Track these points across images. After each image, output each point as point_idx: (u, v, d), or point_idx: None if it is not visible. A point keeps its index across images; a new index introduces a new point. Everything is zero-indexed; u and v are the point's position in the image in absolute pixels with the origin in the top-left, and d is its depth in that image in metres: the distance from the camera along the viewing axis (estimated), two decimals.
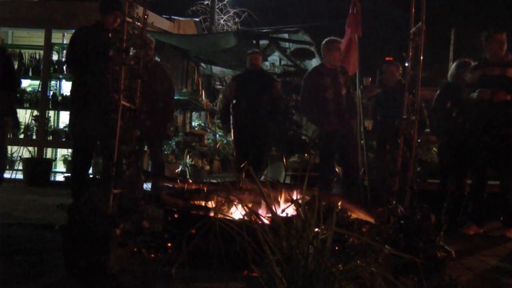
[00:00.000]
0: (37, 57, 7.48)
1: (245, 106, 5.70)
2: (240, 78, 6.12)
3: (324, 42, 5.29)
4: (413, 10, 3.14)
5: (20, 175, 6.80)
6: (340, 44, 5.30)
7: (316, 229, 1.98)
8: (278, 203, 3.17)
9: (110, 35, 4.10)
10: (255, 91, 5.67)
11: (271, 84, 5.93)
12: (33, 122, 7.18)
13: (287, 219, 2.18)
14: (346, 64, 5.97)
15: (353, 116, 5.30)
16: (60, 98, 7.33)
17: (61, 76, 7.49)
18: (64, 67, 7.30)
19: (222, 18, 17.27)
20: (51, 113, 7.50)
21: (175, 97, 6.79)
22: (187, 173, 8.07)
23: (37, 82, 7.54)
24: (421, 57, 3.09)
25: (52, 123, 7.48)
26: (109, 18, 4.18)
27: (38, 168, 6.93)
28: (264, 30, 9.04)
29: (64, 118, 7.89)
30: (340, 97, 5.13)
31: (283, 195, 3.27)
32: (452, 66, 5.20)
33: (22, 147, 7.03)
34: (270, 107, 5.77)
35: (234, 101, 5.82)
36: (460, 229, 4.76)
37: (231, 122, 5.99)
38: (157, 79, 4.98)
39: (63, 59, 7.47)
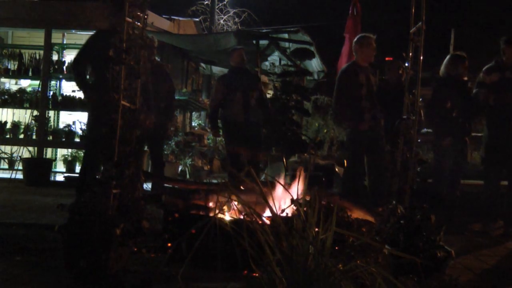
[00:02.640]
0: (37, 57, 7.47)
1: (234, 104, 5.66)
2: (225, 77, 6.05)
3: (356, 38, 5.15)
4: (413, 10, 3.14)
5: (20, 175, 6.79)
6: (373, 40, 5.11)
7: (316, 229, 1.98)
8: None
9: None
10: (243, 89, 5.64)
11: (257, 81, 5.94)
12: (33, 122, 7.17)
13: (287, 219, 2.19)
14: None
15: (382, 116, 5.10)
16: (60, 98, 7.32)
17: (61, 76, 7.49)
18: (65, 67, 7.30)
19: (222, 18, 17.26)
20: (51, 113, 7.49)
21: (175, 97, 6.77)
22: (187, 173, 8.07)
23: (37, 82, 7.53)
24: (421, 57, 3.09)
25: (52, 123, 7.47)
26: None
27: (38, 168, 6.92)
28: (264, 30, 9.03)
29: (64, 118, 7.88)
30: (373, 95, 5.00)
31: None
32: (446, 60, 5.12)
33: (22, 147, 7.02)
34: (258, 103, 5.75)
35: (223, 101, 5.77)
36: (487, 228, 4.81)
37: (219, 124, 5.96)
38: (158, 79, 4.98)
39: (63, 59, 7.47)
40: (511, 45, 4.82)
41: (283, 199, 3.22)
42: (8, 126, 7.36)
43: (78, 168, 7.38)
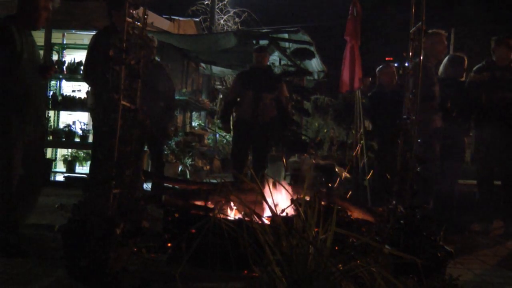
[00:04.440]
0: None
1: (248, 103, 5.55)
2: (244, 74, 5.96)
3: (429, 32, 4.74)
4: (413, 10, 3.14)
5: None
6: (444, 37, 4.90)
7: (316, 229, 1.98)
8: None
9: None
10: (259, 89, 5.51)
11: (276, 84, 5.70)
12: None
13: (287, 219, 2.19)
14: (353, 77, 5.91)
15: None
16: (60, 98, 7.32)
17: (61, 76, 7.48)
18: (65, 67, 7.29)
19: (222, 18, 17.26)
20: (51, 113, 7.49)
21: (175, 97, 6.77)
22: (187, 173, 8.07)
23: None
24: (421, 57, 3.09)
25: (52, 123, 7.46)
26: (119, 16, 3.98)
27: None
28: (264, 30, 9.03)
29: (64, 118, 7.87)
30: (433, 96, 4.75)
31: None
32: (445, 61, 5.10)
33: None
34: (272, 105, 5.57)
35: (238, 99, 5.70)
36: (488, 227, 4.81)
37: (231, 121, 5.91)
38: (158, 79, 4.98)
39: (63, 59, 7.47)
40: (502, 46, 4.84)
41: (283, 199, 3.23)
42: None
43: (78, 168, 7.40)
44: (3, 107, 3.18)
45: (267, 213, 2.86)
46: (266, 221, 2.10)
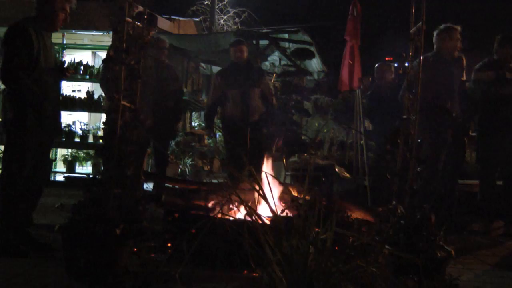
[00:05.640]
0: None
1: (232, 102, 5.30)
2: (224, 72, 5.63)
3: (438, 29, 4.77)
4: (413, 10, 3.14)
5: None
6: (458, 32, 4.73)
7: (316, 229, 1.98)
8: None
9: None
10: (242, 85, 5.23)
11: (259, 77, 5.44)
12: None
13: (287, 219, 2.19)
14: (352, 76, 5.92)
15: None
16: (60, 98, 7.31)
17: None
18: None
19: (222, 18, 17.24)
20: None
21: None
22: (187, 173, 8.07)
23: None
24: (421, 57, 3.10)
25: None
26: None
27: None
28: (264, 30, 9.03)
29: (64, 118, 7.86)
30: (453, 90, 4.71)
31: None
32: None
33: None
34: (260, 101, 5.36)
35: (223, 98, 5.40)
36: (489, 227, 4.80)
37: (216, 122, 5.75)
38: (168, 80, 5.02)
39: (63, 59, 7.47)
40: (507, 44, 4.84)
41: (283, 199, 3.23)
42: None
43: (78, 168, 7.39)
44: (21, 108, 3.21)
45: (267, 213, 2.87)
46: (267, 221, 2.10)
